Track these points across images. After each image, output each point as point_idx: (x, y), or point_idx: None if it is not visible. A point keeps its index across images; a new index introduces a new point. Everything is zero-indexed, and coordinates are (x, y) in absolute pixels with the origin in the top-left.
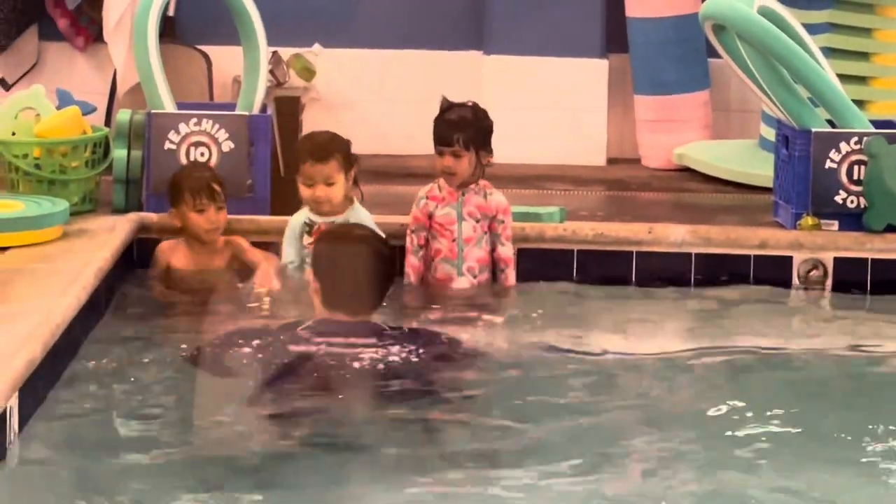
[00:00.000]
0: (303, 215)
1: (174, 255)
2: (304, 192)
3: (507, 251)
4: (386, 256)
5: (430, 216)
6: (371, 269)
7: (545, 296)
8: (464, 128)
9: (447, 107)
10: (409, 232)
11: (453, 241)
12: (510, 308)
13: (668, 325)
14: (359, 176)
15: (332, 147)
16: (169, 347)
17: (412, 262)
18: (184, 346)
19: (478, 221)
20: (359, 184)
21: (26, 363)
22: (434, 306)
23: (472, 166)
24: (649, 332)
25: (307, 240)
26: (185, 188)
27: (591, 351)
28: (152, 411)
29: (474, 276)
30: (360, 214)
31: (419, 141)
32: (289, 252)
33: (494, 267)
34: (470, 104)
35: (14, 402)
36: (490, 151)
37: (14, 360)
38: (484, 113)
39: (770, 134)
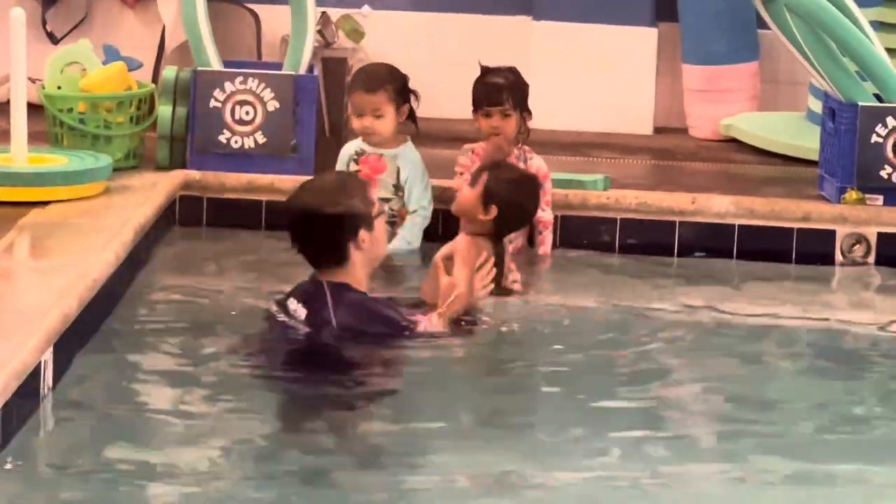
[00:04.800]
0: (355, 145)
1: None
2: (354, 122)
3: (546, 216)
4: (321, 219)
5: None
6: (309, 234)
7: (580, 264)
8: (511, 88)
9: (486, 70)
10: (456, 174)
11: None
12: (544, 273)
13: (706, 294)
14: (415, 110)
15: (384, 79)
16: (207, 307)
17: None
18: (223, 304)
19: None
20: (416, 118)
21: (62, 318)
22: None
23: (517, 128)
24: (688, 299)
25: (353, 167)
26: None
27: (622, 316)
28: (185, 371)
29: (510, 241)
30: (409, 153)
31: (466, 105)
32: None
33: (531, 232)
34: (509, 68)
35: (49, 356)
36: (530, 113)
37: (50, 315)
38: (522, 76)
39: (817, 106)
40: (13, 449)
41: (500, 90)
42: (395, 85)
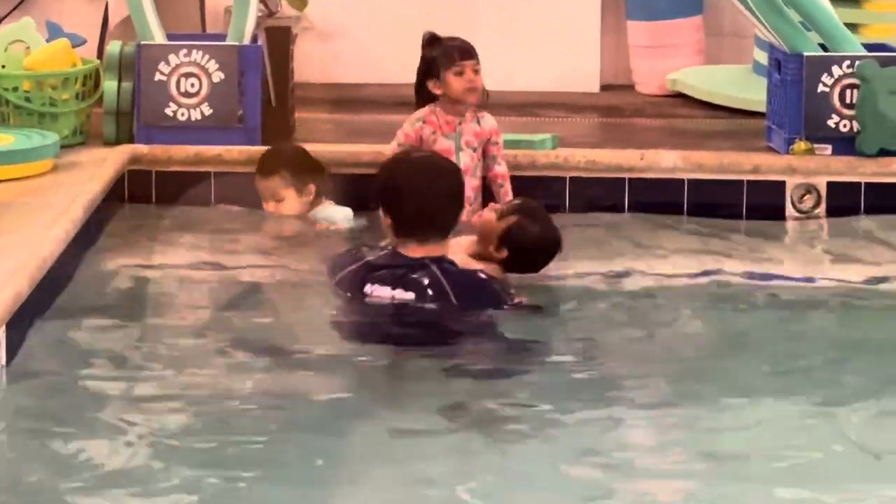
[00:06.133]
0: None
1: None
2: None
3: (503, 169)
4: (454, 178)
5: (421, 140)
6: (438, 192)
7: None
8: (472, 46)
9: (437, 36)
10: (395, 146)
11: None
12: None
13: (660, 252)
14: (325, 189)
15: (278, 163)
16: (160, 282)
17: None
18: (175, 280)
19: (474, 150)
20: (327, 195)
21: (13, 297)
22: None
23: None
24: (643, 258)
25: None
26: None
27: (584, 277)
28: (139, 346)
29: (470, 205)
30: (326, 211)
31: (411, 69)
32: None
33: (486, 191)
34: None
35: (1, 336)
36: None
37: (1, 295)
38: None
39: (763, 58)
40: None
41: (469, 46)
42: (292, 169)
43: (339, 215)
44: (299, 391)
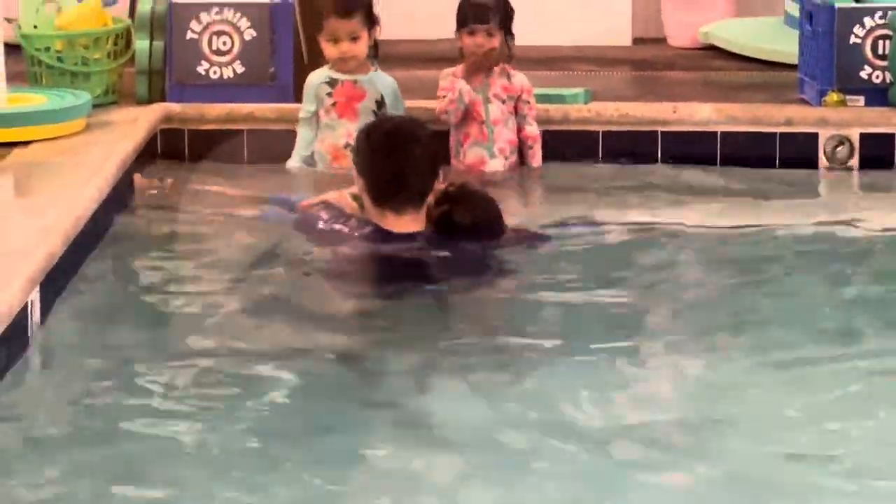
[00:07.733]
0: (323, 73)
1: None
2: (329, 49)
3: (534, 130)
4: (429, 145)
5: (459, 92)
6: (416, 160)
7: (572, 175)
8: (496, 8)
9: None
10: (438, 97)
11: (482, 123)
12: (544, 187)
13: (695, 203)
14: (378, 38)
15: (357, 2)
16: (192, 241)
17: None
18: (208, 238)
19: (504, 102)
20: (377, 45)
21: (47, 256)
22: None
23: (500, 48)
24: (677, 209)
25: (327, 100)
26: None
27: (623, 228)
28: (172, 304)
29: (506, 158)
30: (386, 79)
31: (445, 25)
32: (307, 107)
33: (521, 148)
34: None
35: (35, 296)
36: (513, 36)
37: (35, 254)
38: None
39: (795, 10)
40: (2, 389)
41: (486, 10)
42: (366, 8)
43: None
44: (324, 343)
